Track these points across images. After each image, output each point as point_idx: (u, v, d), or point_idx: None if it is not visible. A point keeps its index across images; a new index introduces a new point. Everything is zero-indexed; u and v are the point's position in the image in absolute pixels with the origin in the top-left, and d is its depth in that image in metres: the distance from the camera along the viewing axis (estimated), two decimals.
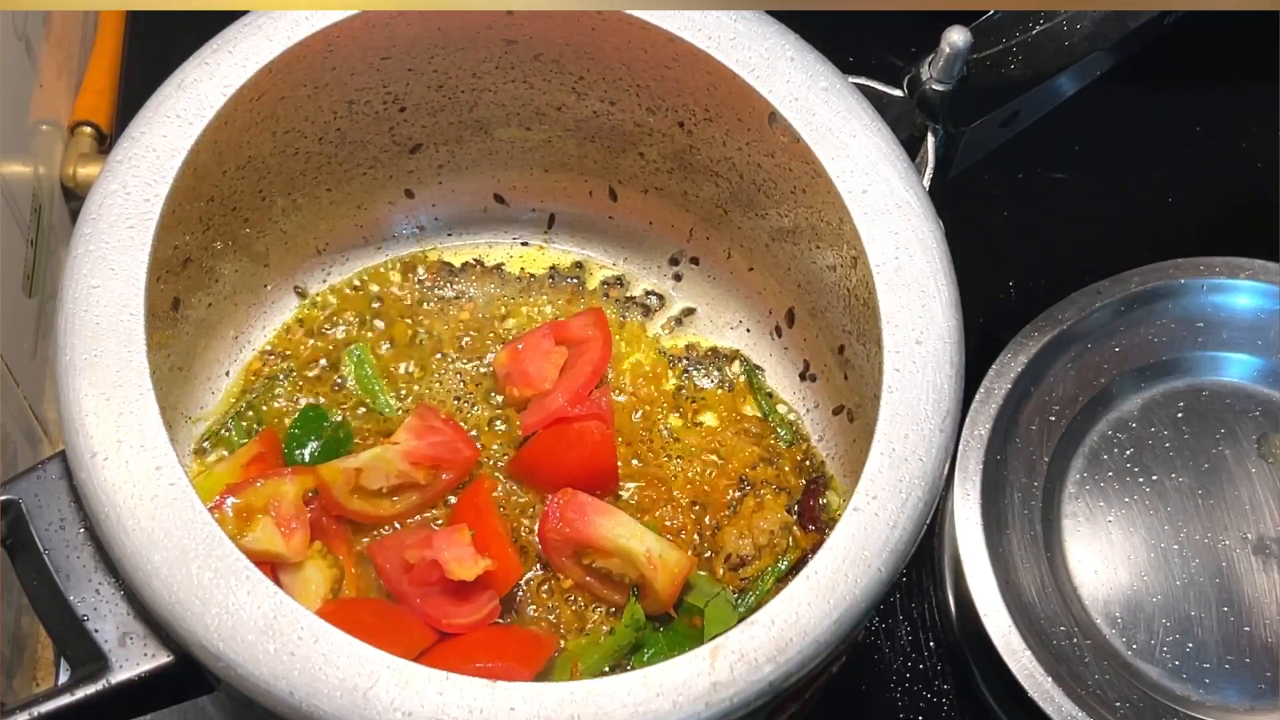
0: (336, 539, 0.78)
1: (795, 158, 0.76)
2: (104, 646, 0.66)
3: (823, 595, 0.64)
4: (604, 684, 0.62)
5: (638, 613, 0.77)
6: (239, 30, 0.74)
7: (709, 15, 0.75)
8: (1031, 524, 0.90)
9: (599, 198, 0.89)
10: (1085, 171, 1.09)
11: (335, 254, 0.88)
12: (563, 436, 0.81)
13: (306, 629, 0.62)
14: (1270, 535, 0.91)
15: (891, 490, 0.67)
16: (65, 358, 0.66)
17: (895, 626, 0.94)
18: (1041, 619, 0.87)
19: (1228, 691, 0.87)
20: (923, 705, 0.92)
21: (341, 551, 0.78)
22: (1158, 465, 0.93)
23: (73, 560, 0.67)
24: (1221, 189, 1.08)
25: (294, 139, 0.80)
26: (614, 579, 0.78)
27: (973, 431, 0.90)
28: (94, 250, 0.68)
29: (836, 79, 0.75)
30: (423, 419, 0.80)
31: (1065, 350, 0.93)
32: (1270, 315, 0.94)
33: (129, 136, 0.71)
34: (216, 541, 0.63)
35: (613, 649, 0.77)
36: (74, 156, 1.07)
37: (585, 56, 0.80)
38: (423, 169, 0.87)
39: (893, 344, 0.70)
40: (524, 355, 0.83)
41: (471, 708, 0.61)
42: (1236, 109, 1.11)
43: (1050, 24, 0.81)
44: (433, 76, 0.81)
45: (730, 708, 0.62)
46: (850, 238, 0.73)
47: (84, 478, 0.65)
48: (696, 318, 0.89)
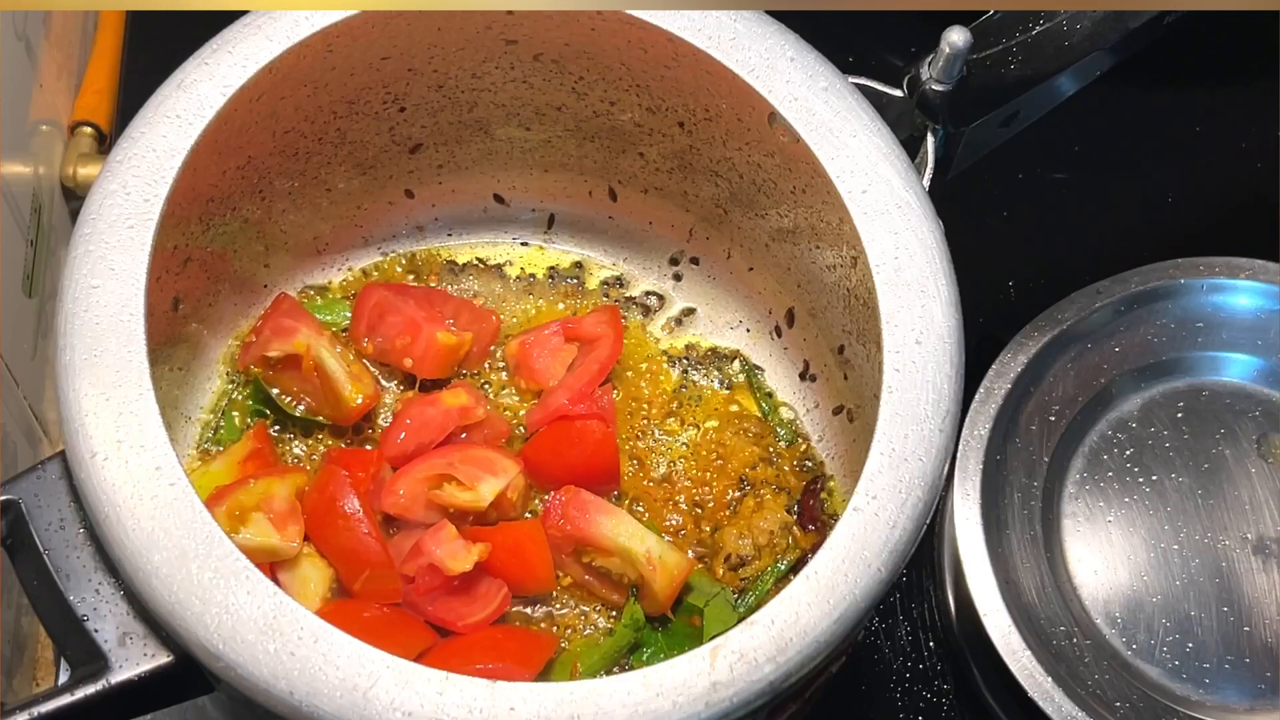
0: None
1: (795, 158, 0.76)
2: (104, 646, 0.66)
3: (823, 595, 0.64)
4: (604, 684, 0.62)
5: (637, 613, 0.77)
6: (239, 30, 0.74)
7: (709, 15, 0.75)
8: (1031, 524, 0.90)
9: (599, 198, 0.89)
10: (1085, 171, 1.09)
11: (335, 254, 0.88)
12: (564, 434, 0.81)
13: (306, 629, 0.62)
14: (1270, 535, 0.91)
15: (891, 490, 0.67)
16: (65, 358, 0.66)
17: (895, 626, 0.94)
18: (1041, 619, 0.87)
19: (1228, 691, 0.87)
20: (923, 705, 0.92)
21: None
22: (1158, 465, 0.93)
23: (73, 560, 0.67)
24: (1221, 189, 1.08)
25: (294, 139, 0.80)
26: (613, 578, 0.78)
27: (973, 431, 0.90)
28: (94, 250, 0.68)
29: (836, 79, 0.75)
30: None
31: (1065, 350, 0.93)
32: (1270, 315, 0.94)
33: (129, 136, 0.71)
34: (216, 541, 0.63)
35: (612, 649, 0.77)
36: (74, 156, 1.07)
37: (585, 56, 0.80)
38: (423, 169, 0.87)
39: (893, 344, 0.70)
40: (532, 350, 0.84)
41: (471, 708, 0.61)
42: (1236, 109, 1.11)
43: (1050, 24, 0.81)
44: (433, 76, 0.81)
45: (730, 708, 0.62)
46: (850, 238, 0.73)
47: (84, 478, 0.65)
48: (696, 318, 0.89)
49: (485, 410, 0.82)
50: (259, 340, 0.81)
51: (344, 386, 0.81)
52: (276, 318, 0.82)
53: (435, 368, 0.83)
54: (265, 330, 0.81)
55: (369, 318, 0.83)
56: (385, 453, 0.80)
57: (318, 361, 0.80)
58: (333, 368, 0.80)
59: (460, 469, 0.78)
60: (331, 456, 0.80)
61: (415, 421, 0.80)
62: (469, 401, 0.81)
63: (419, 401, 0.81)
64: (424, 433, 0.80)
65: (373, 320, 0.83)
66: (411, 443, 0.80)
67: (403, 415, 0.81)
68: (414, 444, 0.80)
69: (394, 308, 0.83)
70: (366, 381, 0.82)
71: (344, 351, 0.82)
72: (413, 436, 0.80)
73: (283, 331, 0.81)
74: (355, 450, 0.81)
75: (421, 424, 0.80)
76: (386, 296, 0.84)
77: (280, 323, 0.81)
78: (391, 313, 0.83)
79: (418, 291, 0.85)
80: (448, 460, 0.78)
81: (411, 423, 0.80)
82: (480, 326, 0.85)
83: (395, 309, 0.83)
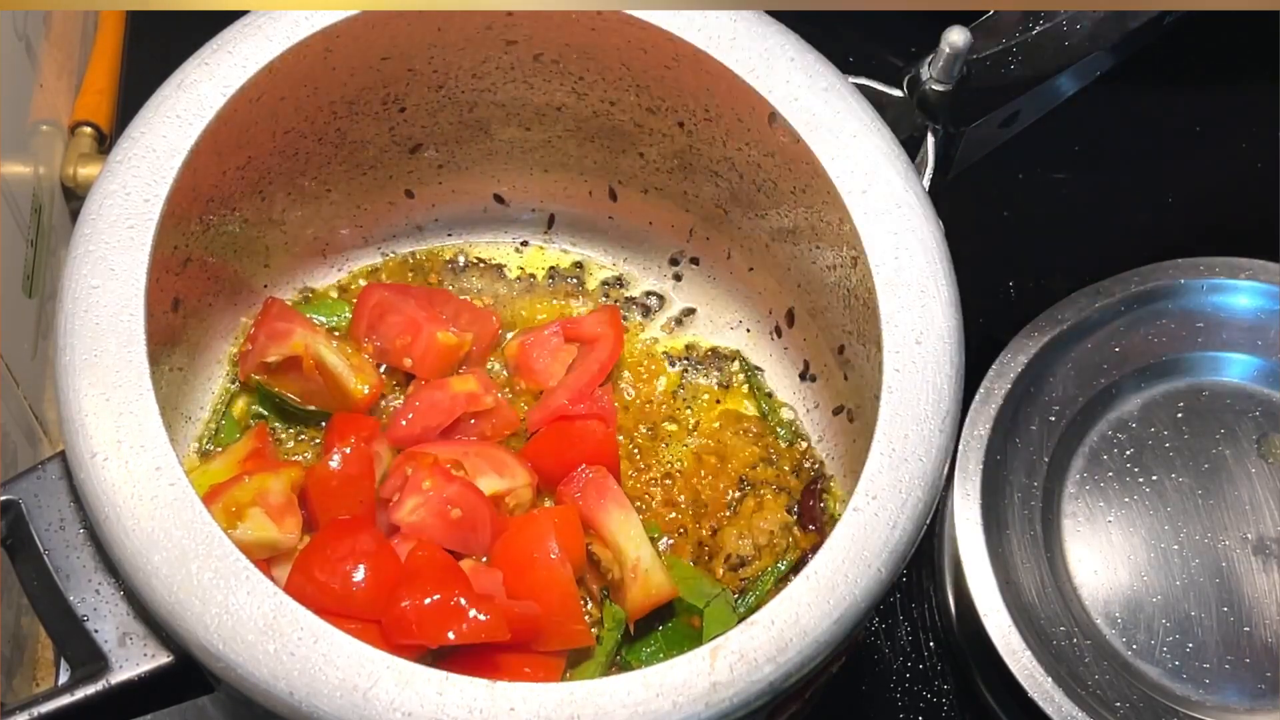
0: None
1: (795, 158, 0.76)
2: (104, 646, 0.66)
3: (823, 595, 0.64)
4: (604, 684, 0.62)
5: (618, 614, 0.77)
6: (239, 30, 0.74)
7: (709, 15, 0.75)
8: (1031, 524, 0.90)
9: (599, 198, 0.89)
10: (1085, 171, 1.09)
11: (335, 254, 0.88)
12: (565, 434, 0.81)
13: (306, 629, 0.62)
14: (1270, 535, 0.91)
15: (891, 490, 0.67)
16: (65, 358, 0.66)
17: (895, 626, 0.94)
18: (1041, 619, 0.87)
19: (1228, 691, 0.87)
20: (923, 705, 0.92)
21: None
22: (1158, 465, 0.93)
23: (73, 560, 0.67)
24: (1221, 189, 1.08)
25: (294, 139, 0.80)
26: (600, 569, 0.78)
27: (973, 431, 0.90)
28: (94, 250, 0.68)
29: (836, 79, 0.75)
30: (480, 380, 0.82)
31: (1065, 350, 0.93)
32: (1270, 315, 0.94)
33: (129, 136, 0.71)
34: (216, 541, 0.63)
35: (605, 656, 0.77)
36: (74, 156, 1.07)
37: (585, 56, 0.80)
38: (423, 169, 0.87)
39: (893, 344, 0.70)
40: (531, 350, 0.84)
41: (471, 708, 0.61)
42: (1236, 109, 1.11)
43: (1050, 24, 0.81)
44: (433, 77, 0.81)
45: (730, 708, 0.62)
46: (850, 238, 0.73)
47: (84, 478, 0.65)
48: (696, 318, 0.89)
49: (494, 398, 0.82)
50: (256, 348, 0.81)
51: (348, 380, 0.81)
52: (269, 322, 0.82)
53: (435, 368, 0.83)
54: (260, 336, 0.81)
55: (369, 317, 0.83)
56: (392, 435, 0.80)
57: (317, 359, 0.80)
58: (333, 362, 0.80)
59: (470, 460, 0.78)
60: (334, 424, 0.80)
61: (424, 405, 0.80)
62: (477, 388, 0.81)
63: (428, 386, 0.81)
64: (431, 416, 0.80)
65: (373, 320, 0.83)
66: (418, 426, 0.80)
67: (412, 399, 0.81)
68: (420, 427, 0.80)
69: (394, 307, 0.83)
70: (369, 371, 0.82)
71: (341, 345, 0.82)
72: (419, 419, 0.80)
73: (278, 335, 0.81)
74: (357, 416, 0.81)
75: (429, 407, 0.80)
76: (387, 296, 0.84)
77: (274, 326, 0.81)
78: (392, 312, 0.83)
79: (418, 291, 0.85)
80: (464, 450, 0.78)
81: (420, 405, 0.80)
82: (480, 327, 0.85)
83: (395, 309, 0.83)
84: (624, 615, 0.77)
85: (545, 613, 0.73)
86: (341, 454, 0.76)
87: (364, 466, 0.77)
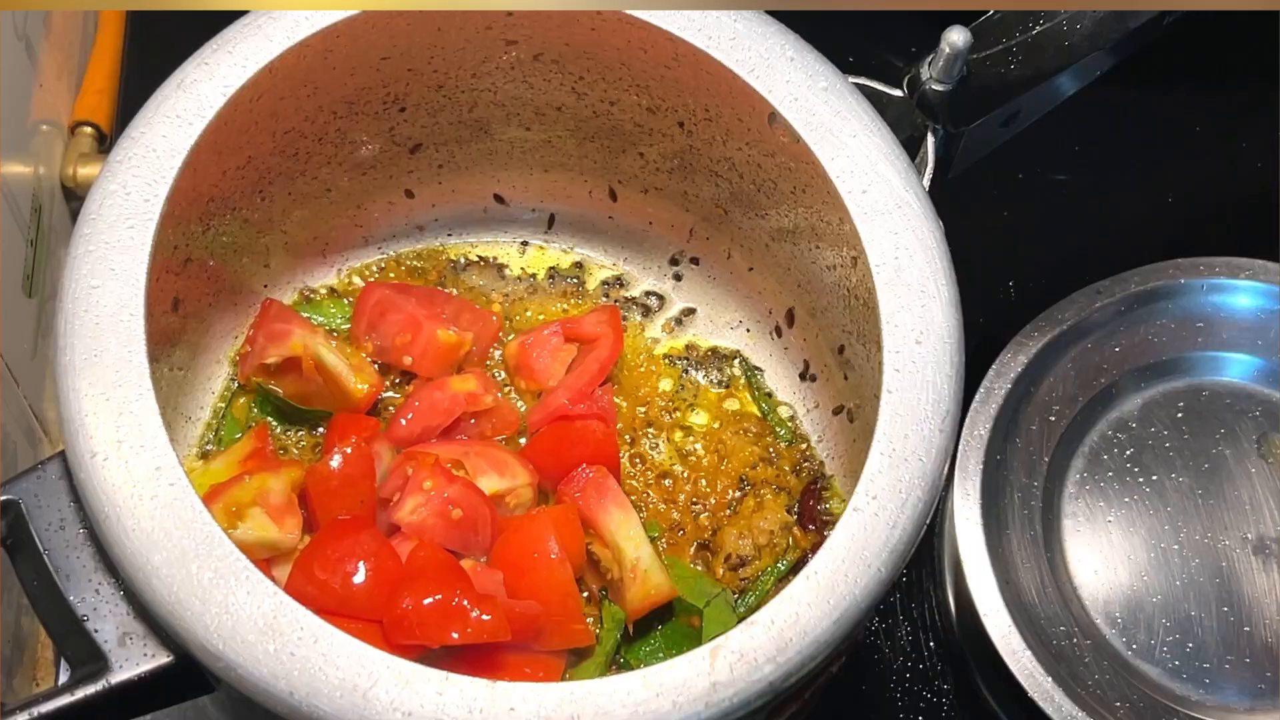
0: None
1: (795, 158, 0.76)
2: (104, 646, 0.66)
3: (823, 595, 0.64)
4: (604, 684, 0.62)
5: (617, 614, 0.77)
6: (239, 30, 0.74)
7: (709, 15, 0.75)
8: (1031, 524, 0.90)
9: (599, 198, 0.89)
10: (1085, 171, 1.09)
11: (335, 254, 0.88)
12: (565, 434, 0.81)
13: (306, 629, 0.62)
14: (1270, 535, 0.91)
15: (891, 490, 0.67)
16: (65, 358, 0.66)
17: (895, 626, 0.94)
18: (1041, 619, 0.87)
19: (1228, 691, 0.87)
20: (923, 705, 0.92)
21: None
22: (1158, 465, 0.93)
23: (73, 560, 0.67)
24: (1221, 189, 1.08)
25: (294, 139, 0.80)
26: (600, 568, 0.78)
27: (973, 431, 0.90)
28: (94, 250, 0.68)
29: (836, 79, 0.75)
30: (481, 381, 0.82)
31: (1065, 350, 0.93)
32: (1270, 315, 0.94)
33: (129, 136, 0.71)
34: (216, 541, 0.63)
35: (604, 656, 0.77)
36: (74, 156, 1.07)
37: (585, 56, 0.80)
38: (423, 169, 0.87)
39: (893, 344, 0.70)
40: (531, 350, 0.84)
41: (471, 708, 0.61)
42: (1236, 109, 1.11)
43: (1050, 24, 0.81)
44: (433, 77, 0.81)
45: (730, 708, 0.62)
46: (850, 238, 0.73)
47: (84, 478, 0.65)
48: (696, 318, 0.89)
49: (494, 398, 0.82)
50: (254, 350, 0.81)
51: (347, 379, 0.81)
52: (267, 323, 0.82)
53: (435, 366, 0.83)
54: (259, 338, 0.81)
55: (369, 316, 0.83)
56: (392, 435, 0.80)
57: (316, 359, 0.80)
58: (332, 362, 0.80)
59: (471, 460, 0.78)
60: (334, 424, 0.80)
61: (423, 404, 0.80)
62: (477, 388, 0.81)
63: (428, 386, 0.81)
64: (431, 415, 0.80)
65: (373, 319, 0.83)
66: (418, 425, 0.80)
67: (412, 399, 0.81)
68: (420, 427, 0.80)
69: (395, 306, 0.83)
70: (368, 370, 0.82)
71: (340, 345, 0.82)
72: (420, 419, 0.80)
73: (276, 336, 0.81)
74: (357, 416, 0.81)
75: (429, 407, 0.80)
76: (387, 295, 0.84)
77: (272, 328, 0.81)
78: (392, 310, 0.83)
79: (419, 290, 0.85)
80: (464, 449, 0.78)
81: (420, 405, 0.80)
82: (480, 326, 0.85)
83: (396, 307, 0.83)
84: (623, 615, 0.77)
85: (545, 612, 0.73)
86: (342, 454, 0.76)
87: (364, 466, 0.77)
